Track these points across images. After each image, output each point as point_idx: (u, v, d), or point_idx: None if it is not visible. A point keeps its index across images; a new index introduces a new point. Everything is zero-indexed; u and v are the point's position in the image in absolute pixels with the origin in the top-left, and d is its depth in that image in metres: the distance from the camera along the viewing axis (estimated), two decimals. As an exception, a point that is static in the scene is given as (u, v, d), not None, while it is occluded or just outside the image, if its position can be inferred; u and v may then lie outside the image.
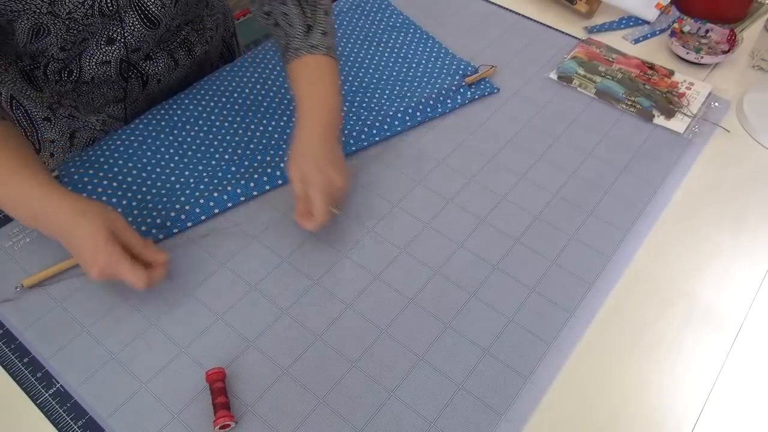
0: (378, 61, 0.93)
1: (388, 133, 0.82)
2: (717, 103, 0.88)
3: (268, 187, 0.76)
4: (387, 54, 0.94)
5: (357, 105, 0.85)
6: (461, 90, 0.87)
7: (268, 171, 0.76)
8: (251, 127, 0.82)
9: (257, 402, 0.58)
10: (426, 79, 0.90)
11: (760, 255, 0.71)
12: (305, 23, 0.71)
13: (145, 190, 0.74)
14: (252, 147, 0.80)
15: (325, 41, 0.71)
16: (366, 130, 0.81)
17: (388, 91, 0.87)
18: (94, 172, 0.75)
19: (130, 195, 0.73)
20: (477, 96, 0.88)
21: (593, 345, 0.63)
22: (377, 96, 0.87)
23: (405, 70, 0.92)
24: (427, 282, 0.67)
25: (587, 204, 0.75)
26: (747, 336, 0.64)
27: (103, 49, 0.72)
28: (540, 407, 0.58)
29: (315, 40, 0.71)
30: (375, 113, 0.84)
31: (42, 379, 0.60)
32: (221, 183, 0.75)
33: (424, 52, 0.95)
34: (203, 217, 0.72)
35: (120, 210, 0.72)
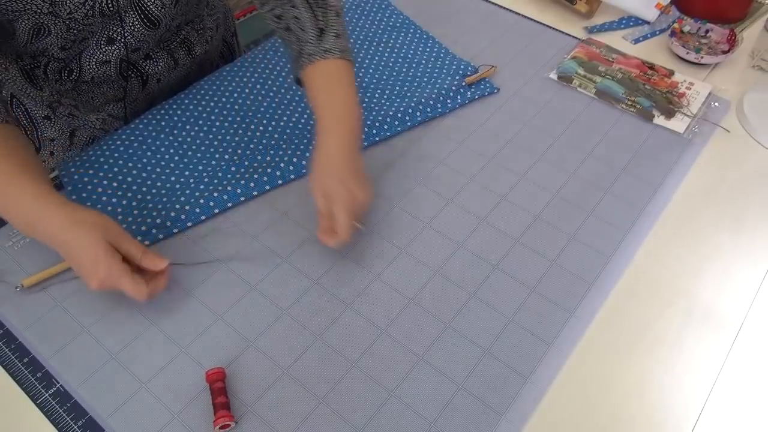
0: (378, 61, 0.93)
1: (388, 133, 0.82)
2: (717, 103, 0.88)
3: (268, 187, 0.76)
4: (387, 54, 0.94)
5: (357, 105, 0.85)
6: (461, 90, 0.87)
7: (268, 171, 0.76)
8: (251, 127, 0.82)
9: (257, 402, 0.58)
10: (426, 79, 0.90)
11: (760, 255, 0.71)
12: (317, 27, 0.70)
13: (145, 190, 0.74)
14: (252, 147, 0.80)
15: (339, 44, 0.70)
16: (366, 130, 0.81)
17: (388, 91, 0.87)
18: (94, 172, 0.75)
19: (130, 195, 0.73)
20: (477, 96, 0.88)
21: (593, 345, 0.63)
22: (377, 96, 0.87)
23: (405, 70, 0.91)
24: (427, 282, 0.67)
25: (587, 204, 0.75)
26: (747, 336, 0.64)
27: (103, 49, 0.73)
28: (540, 407, 0.58)
29: (328, 43, 0.69)
30: (375, 113, 0.84)
31: (42, 379, 0.60)
32: (221, 183, 0.75)
33: (424, 52, 0.95)
34: (203, 217, 0.72)
35: (120, 210, 0.72)
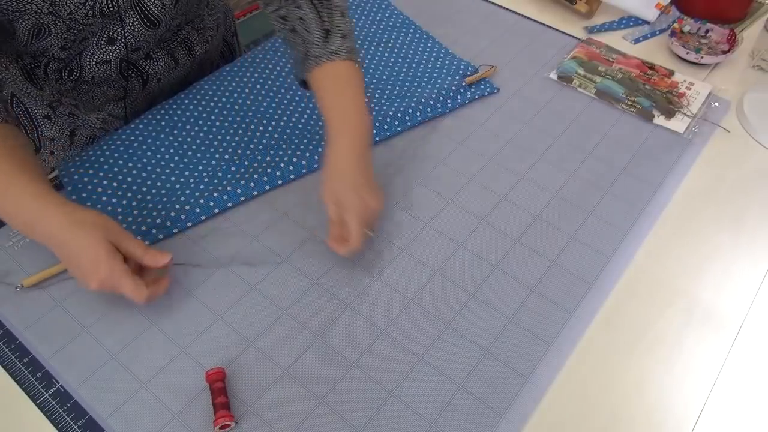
0: (378, 61, 0.93)
1: (388, 133, 0.82)
2: (717, 103, 0.88)
3: (268, 187, 0.76)
4: (387, 54, 0.94)
5: (357, 105, 0.85)
6: (461, 90, 0.87)
7: (268, 171, 0.76)
8: (251, 127, 0.82)
9: (257, 402, 0.58)
10: (426, 79, 0.90)
11: (760, 255, 0.71)
12: (323, 28, 0.69)
13: (145, 190, 0.74)
14: (252, 147, 0.80)
15: (345, 45, 0.69)
16: (366, 130, 0.81)
17: (388, 91, 0.87)
18: (94, 172, 0.75)
19: (130, 195, 0.73)
20: (477, 96, 0.88)
21: (593, 345, 0.63)
22: (377, 96, 0.87)
23: (405, 70, 0.91)
24: (427, 282, 0.67)
25: (587, 204, 0.75)
26: (747, 336, 0.64)
27: (104, 49, 0.73)
28: (540, 407, 0.58)
29: (334, 45, 0.69)
30: (375, 113, 0.84)
31: (42, 379, 0.60)
32: (221, 183, 0.75)
33: (424, 52, 0.95)
34: (203, 217, 0.72)
35: (120, 210, 0.72)
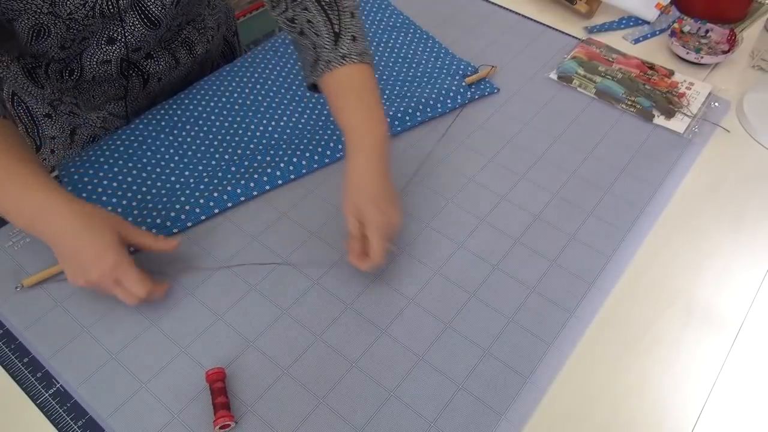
0: (378, 61, 0.92)
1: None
2: (717, 103, 0.88)
3: (268, 187, 0.76)
4: (387, 54, 0.94)
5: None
6: (461, 90, 0.87)
7: (268, 171, 0.76)
8: (251, 127, 0.82)
9: (257, 402, 0.58)
10: (426, 79, 0.90)
11: (759, 255, 0.71)
12: (332, 31, 0.67)
13: (145, 190, 0.74)
14: (252, 147, 0.80)
15: (356, 47, 0.67)
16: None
17: (388, 91, 0.87)
18: (94, 172, 0.75)
19: (130, 195, 0.73)
20: (477, 96, 0.88)
21: (593, 345, 0.63)
22: (377, 96, 0.87)
23: (405, 70, 0.91)
24: (427, 282, 0.67)
25: (587, 204, 0.75)
26: (747, 336, 0.64)
27: (104, 49, 0.73)
28: (540, 407, 0.58)
29: (345, 48, 0.67)
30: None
31: (42, 379, 0.60)
32: (221, 183, 0.75)
33: (424, 52, 0.95)
34: (203, 217, 0.72)
35: (120, 210, 0.72)
